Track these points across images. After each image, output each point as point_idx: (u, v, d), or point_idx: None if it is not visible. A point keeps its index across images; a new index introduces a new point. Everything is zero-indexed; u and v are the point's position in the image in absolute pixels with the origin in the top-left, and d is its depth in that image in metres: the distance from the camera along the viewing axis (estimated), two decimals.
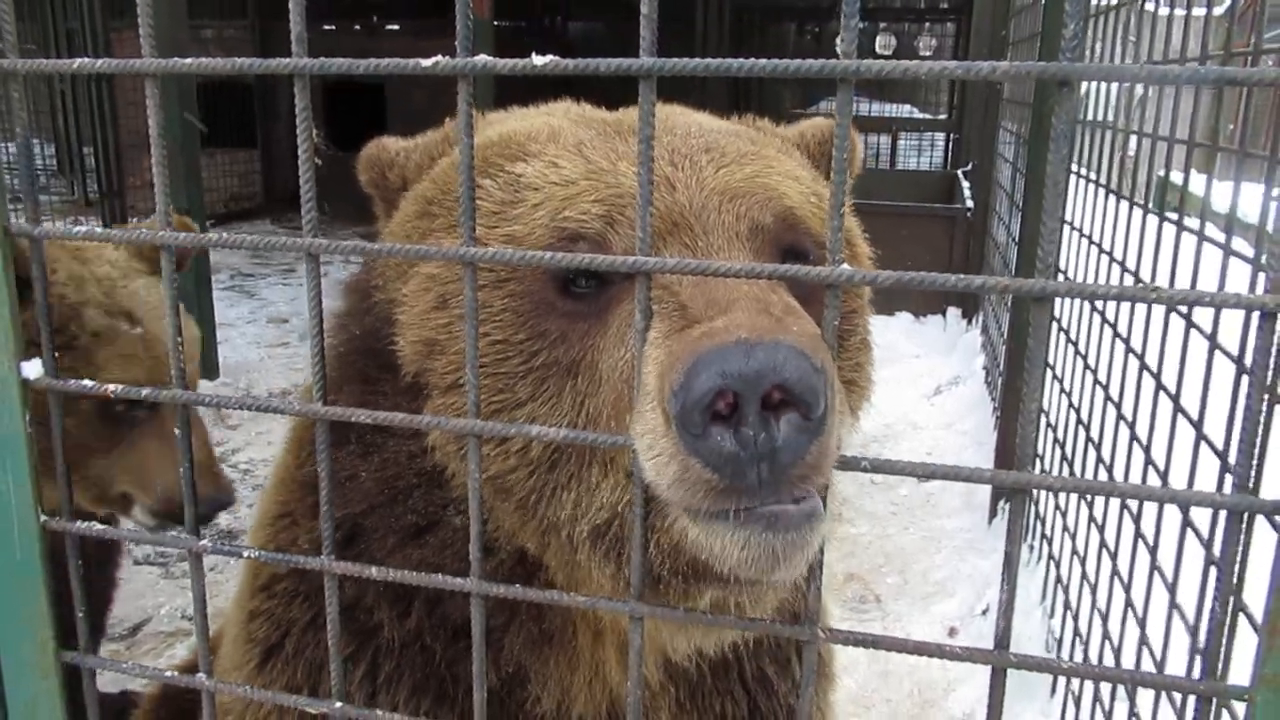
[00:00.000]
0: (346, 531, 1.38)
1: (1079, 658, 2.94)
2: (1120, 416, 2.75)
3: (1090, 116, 3.79)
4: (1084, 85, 4.11)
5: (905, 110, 15.87)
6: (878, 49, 15.77)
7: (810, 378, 0.87)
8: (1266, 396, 1.67)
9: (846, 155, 0.86)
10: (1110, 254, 2.95)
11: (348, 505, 1.37)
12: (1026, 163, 4.52)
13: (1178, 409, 2.28)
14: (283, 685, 1.44)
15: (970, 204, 8.14)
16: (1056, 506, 3.55)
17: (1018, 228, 4.93)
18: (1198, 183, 2.38)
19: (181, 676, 1.18)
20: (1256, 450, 1.78)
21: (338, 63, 0.94)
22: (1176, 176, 2.82)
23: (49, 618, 1.18)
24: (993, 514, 4.41)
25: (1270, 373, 1.29)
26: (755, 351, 0.87)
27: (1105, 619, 2.75)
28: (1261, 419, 0.80)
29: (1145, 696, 2.32)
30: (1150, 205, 2.75)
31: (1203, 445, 2.11)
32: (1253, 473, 1.36)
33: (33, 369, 1.11)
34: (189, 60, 1.00)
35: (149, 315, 2.49)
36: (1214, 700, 0.87)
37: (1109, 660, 2.67)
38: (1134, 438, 2.61)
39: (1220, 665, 0.87)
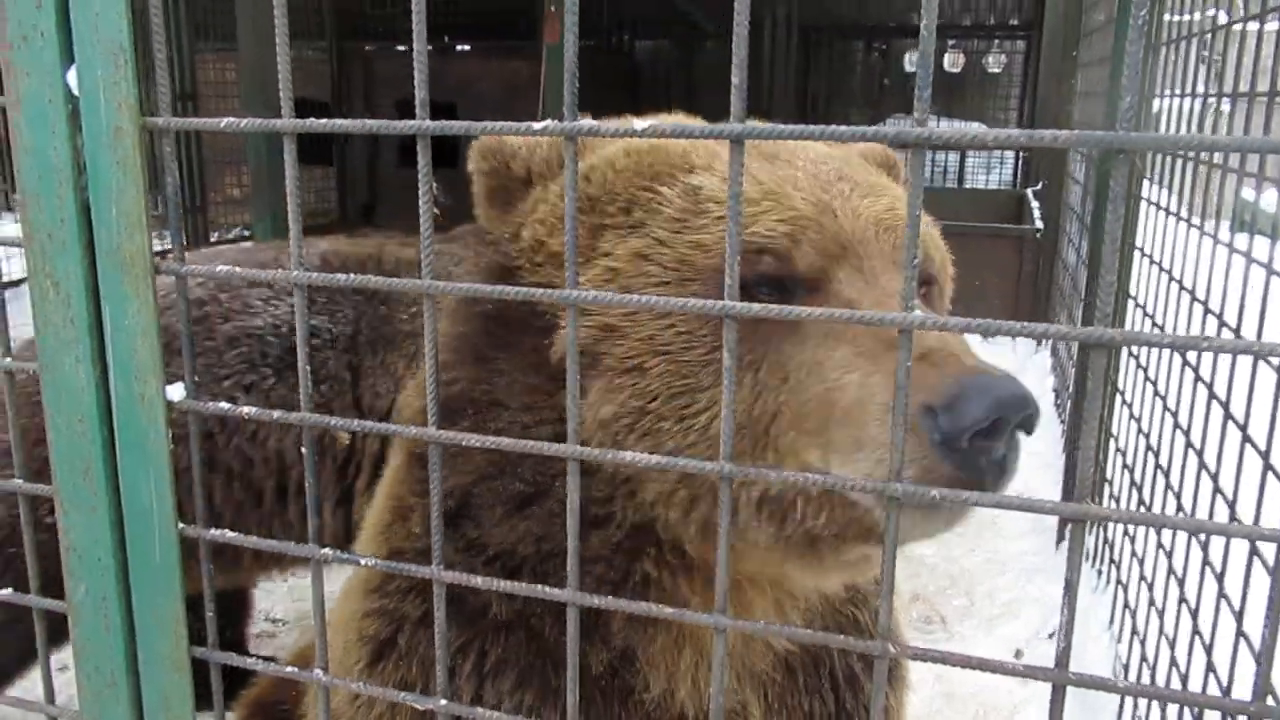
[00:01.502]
0: (458, 500, 1.47)
1: (1145, 682, 2.94)
2: (1189, 444, 2.76)
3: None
4: (1157, 104, 4.10)
5: (974, 127, 15.77)
6: (946, 66, 15.72)
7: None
8: None
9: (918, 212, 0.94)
10: (1180, 282, 2.96)
11: (458, 477, 1.46)
12: (1095, 184, 4.52)
13: (1245, 438, 2.30)
14: (395, 682, 1.51)
15: (1040, 224, 8.10)
16: (1126, 533, 3.54)
17: (1086, 249, 4.92)
18: (1272, 200, 2.40)
19: (300, 671, 1.30)
20: None
21: (457, 125, 1.05)
22: (1252, 194, 2.83)
23: (183, 616, 1.30)
24: (1060, 537, 4.40)
25: None
26: (1013, 384, 1.10)
27: (1173, 645, 2.76)
28: None
29: None
30: (1230, 222, 2.76)
31: (1269, 476, 2.13)
32: None
33: (176, 391, 1.24)
34: (323, 121, 1.11)
35: None
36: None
37: (1175, 686, 2.67)
38: (1202, 465, 2.62)
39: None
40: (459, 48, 16.19)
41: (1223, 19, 3.03)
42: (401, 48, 16.31)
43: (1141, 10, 0.87)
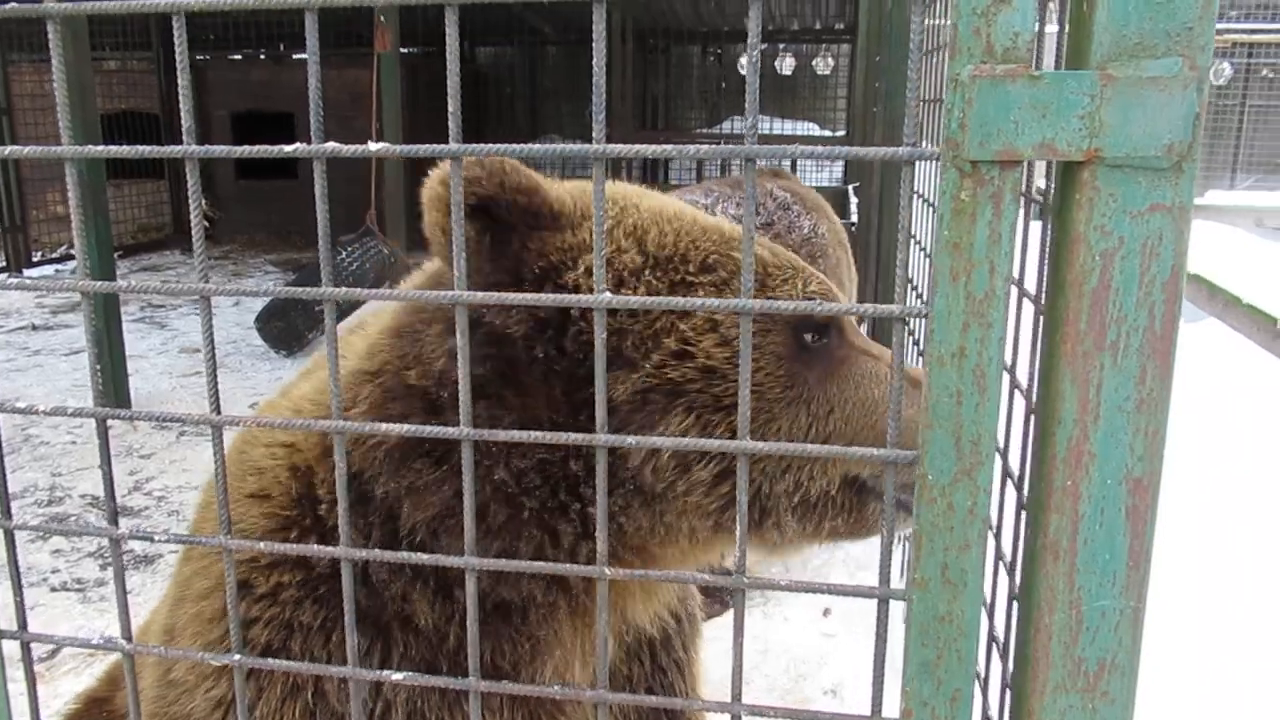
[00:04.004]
0: (422, 534, 1.59)
1: None
2: None
3: None
4: None
5: (806, 128, 16.47)
6: (780, 70, 16.39)
7: None
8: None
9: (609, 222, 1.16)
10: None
11: (420, 511, 1.58)
12: (879, 182, 4.94)
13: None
14: (285, 687, 1.61)
15: (855, 218, 8.62)
16: None
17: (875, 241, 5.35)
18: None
19: (109, 640, 1.43)
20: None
21: (219, 150, 1.21)
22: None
23: None
24: None
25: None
26: None
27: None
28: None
29: None
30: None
31: None
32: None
33: None
34: (101, 148, 1.25)
35: None
36: (888, 601, 1.19)
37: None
38: None
39: (892, 576, 1.17)
40: (295, 56, 15.91)
41: None
42: (235, 56, 15.92)
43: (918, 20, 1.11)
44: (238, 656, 1.36)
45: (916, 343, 3.74)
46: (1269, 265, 5.37)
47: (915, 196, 4.24)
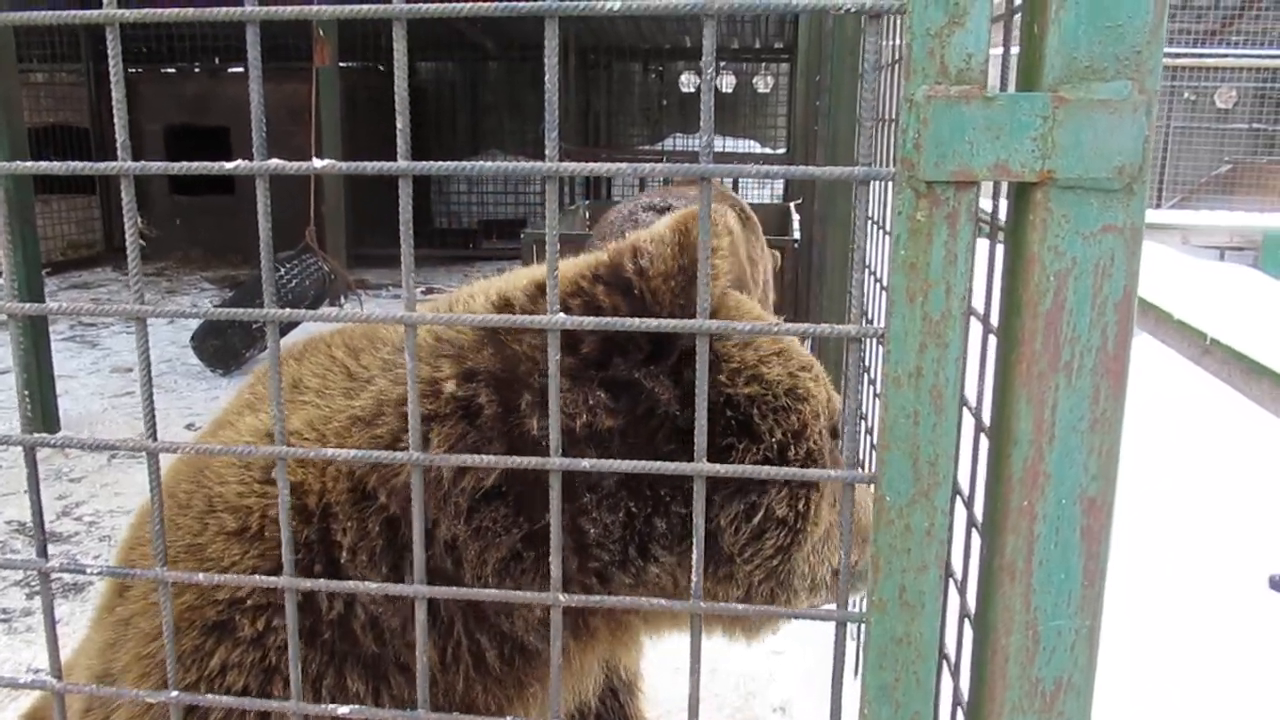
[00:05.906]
0: (489, 577, 1.57)
1: None
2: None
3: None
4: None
5: (747, 145, 16.61)
6: (720, 88, 16.53)
7: None
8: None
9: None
10: (882, 283, 3.36)
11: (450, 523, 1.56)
12: (819, 201, 5.00)
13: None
14: None
15: (798, 235, 8.70)
16: None
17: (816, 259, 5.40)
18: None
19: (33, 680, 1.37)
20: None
21: (156, 166, 1.17)
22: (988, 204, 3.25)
23: None
24: None
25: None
26: None
27: None
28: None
29: None
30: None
31: None
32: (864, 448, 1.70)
33: None
34: (32, 164, 1.20)
35: None
36: (845, 624, 1.18)
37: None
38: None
39: (850, 602, 1.16)
40: (231, 70, 15.65)
41: None
42: (169, 69, 15.61)
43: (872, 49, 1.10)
44: (174, 693, 1.31)
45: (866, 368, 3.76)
46: (1196, 282, 5.52)
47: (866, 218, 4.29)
